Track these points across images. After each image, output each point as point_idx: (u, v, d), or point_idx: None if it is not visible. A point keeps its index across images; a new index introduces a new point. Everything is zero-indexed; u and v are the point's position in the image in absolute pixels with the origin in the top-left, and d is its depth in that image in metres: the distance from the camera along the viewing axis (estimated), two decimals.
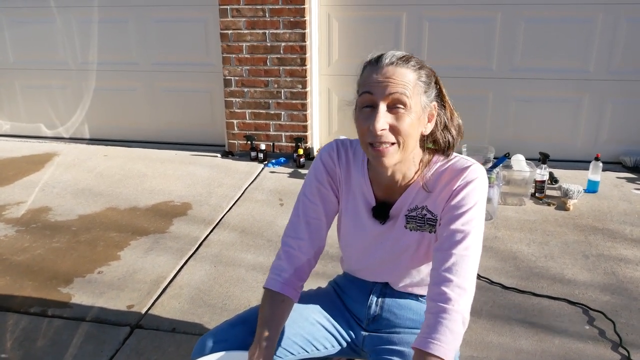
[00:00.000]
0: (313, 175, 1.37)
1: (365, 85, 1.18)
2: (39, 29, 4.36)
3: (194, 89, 4.27)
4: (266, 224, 3.00)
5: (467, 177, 1.22)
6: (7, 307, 2.26)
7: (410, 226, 1.30)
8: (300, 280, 1.34)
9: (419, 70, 1.19)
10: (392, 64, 1.17)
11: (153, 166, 3.92)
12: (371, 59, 1.21)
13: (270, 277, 1.33)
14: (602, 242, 2.75)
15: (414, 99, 1.17)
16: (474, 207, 1.21)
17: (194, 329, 2.11)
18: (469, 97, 3.90)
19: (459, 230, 1.19)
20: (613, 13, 3.56)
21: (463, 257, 1.17)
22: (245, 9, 3.78)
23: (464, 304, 1.15)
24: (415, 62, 1.20)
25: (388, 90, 1.15)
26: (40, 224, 3.02)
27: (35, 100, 4.58)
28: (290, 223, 1.38)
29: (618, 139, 3.83)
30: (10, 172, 3.82)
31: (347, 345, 1.46)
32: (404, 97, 1.15)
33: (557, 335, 2.05)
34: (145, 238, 2.85)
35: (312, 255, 1.36)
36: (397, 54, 1.19)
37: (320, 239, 1.37)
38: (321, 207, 1.36)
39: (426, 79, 1.20)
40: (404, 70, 1.17)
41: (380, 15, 3.82)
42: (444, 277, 1.16)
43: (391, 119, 1.16)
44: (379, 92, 1.16)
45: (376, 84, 1.16)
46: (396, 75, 1.16)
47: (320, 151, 1.39)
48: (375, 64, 1.19)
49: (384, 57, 1.19)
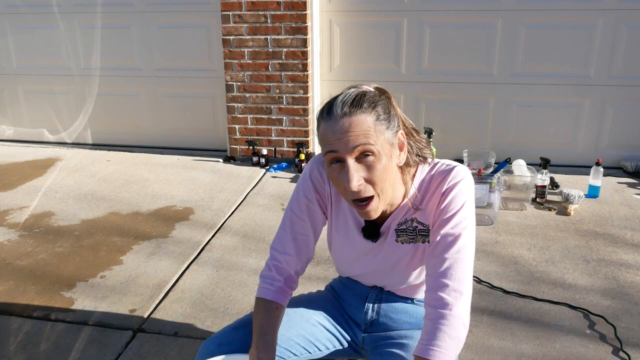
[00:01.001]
0: (302, 192, 1.35)
1: (326, 143, 1.13)
2: (43, 34, 4.39)
3: (196, 94, 4.29)
4: (268, 228, 3.01)
5: (451, 180, 1.22)
6: (10, 312, 2.27)
7: (402, 239, 1.30)
8: (290, 289, 1.37)
9: (375, 109, 1.13)
10: (345, 115, 1.11)
11: (155, 171, 3.94)
12: (322, 111, 1.15)
13: (263, 287, 1.34)
14: (603, 247, 2.76)
15: (378, 142, 1.12)
16: (462, 208, 1.21)
17: (196, 332, 2.12)
18: (469, 102, 3.91)
19: (450, 233, 1.19)
20: (613, 19, 3.57)
21: (456, 260, 1.18)
22: (247, 14, 3.80)
23: (462, 307, 1.15)
24: (369, 101, 1.13)
25: (351, 145, 1.10)
26: (43, 228, 3.03)
27: (38, 105, 4.61)
28: (277, 236, 1.38)
29: (619, 144, 3.84)
30: (14, 177, 3.84)
31: (348, 345, 1.47)
32: (369, 146, 1.10)
33: (557, 340, 2.06)
34: (147, 242, 2.86)
35: (300, 268, 1.38)
36: (347, 100, 1.12)
37: (307, 252, 1.38)
38: (309, 224, 1.36)
39: (384, 114, 1.14)
40: (359, 118, 1.11)
41: (382, 21, 3.85)
42: (440, 283, 1.17)
43: (363, 171, 1.12)
44: (342, 149, 1.11)
45: (336, 141, 1.11)
46: (353, 126, 1.10)
47: (308, 166, 1.36)
48: (327, 117, 1.13)
49: (335, 107, 1.12)
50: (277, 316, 1.30)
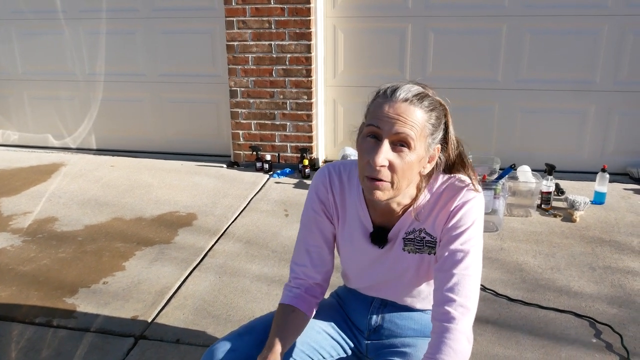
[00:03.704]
0: (309, 205, 1.38)
1: (374, 117, 1.16)
2: (48, 40, 4.41)
3: (200, 100, 4.29)
4: (271, 234, 3.00)
5: (463, 197, 1.23)
6: (12, 317, 2.26)
7: (409, 248, 1.31)
8: (312, 297, 1.38)
9: (431, 112, 1.17)
10: (406, 100, 1.14)
11: (159, 176, 3.94)
12: (386, 89, 1.18)
13: (283, 294, 1.39)
14: (609, 254, 2.73)
15: (419, 140, 1.15)
16: (472, 226, 1.22)
17: (198, 339, 2.11)
18: (474, 108, 3.90)
19: (459, 250, 1.20)
20: (618, 24, 3.56)
21: (464, 276, 1.19)
22: (251, 20, 3.81)
23: (466, 323, 1.17)
24: (429, 102, 1.17)
25: (395, 129, 1.13)
26: (47, 234, 3.03)
27: (43, 110, 4.62)
28: (295, 248, 1.42)
29: (625, 150, 3.81)
30: (18, 182, 3.85)
31: (351, 352, 1.48)
32: (409, 138, 1.13)
33: (563, 349, 2.03)
34: (150, 248, 2.85)
35: (319, 279, 1.39)
36: (413, 90, 1.16)
37: (324, 264, 1.39)
38: (319, 236, 1.38)
39: (435, 122, 1.18)
40: (416, 110, 1.14)
41: (386, 26, 3.84)
42: (447, 297, 1.18)
43: (392, 156, 1.15)
44: (386, 128, 1.14)
45: (385, 119, 1.14)
46: (407, 114, 1.13)
47: (313, 179, 1.39)
48: (389, 96, 1.16)
49: (399, 90, 1.16)
50: (292, 318, 1.32)
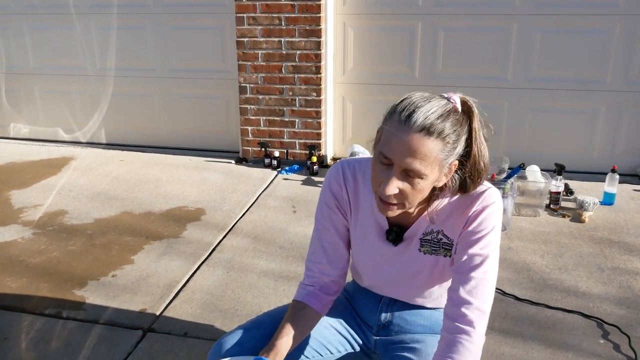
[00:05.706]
0: (323, 201, 1.38)
1: (386, 145, 1.10)
2: (59, 35, 4.44)
3: (210, 96, 4.31)
4: (279, 230, 3.01)
5: (483, 201, 1.21)
6: (23, 308, 2.29)
7: (425, 249, 1.30)
8: (327, 295, 1.37)
9: (448, 137, 1.08)
10: (422, 130, 1.06)
11: (168, 171, 3.96)
12: (402, 111, 1.09)
13: (296, 292, 1.39)
14: (618, 255, 2.72)
15: (432, 170, 1.11)
16: (492, 231, 1.21)
17: (205, 333, 2.12)
18: (483, 106, 3.84)
19: (478, 254, 1.20)
20: (630, 23, 3.53)
21: (482, 280, 1.19)
22: (261, 17, 3.81)
23: (482, 327, 1.17)
24: (452, 123, 1.09)
25: (406, 163, 1.08)
26: (57, 226, 3.06)
27: (54, 104, 4.66)
28: (310, 247, 1.42)
29: (635, 150, 3.78)
30: (29, 176, 3.88)
31: (360, 349, 1.48)
32: (421, 172, 1.09)
33: (570, 349, 2.03)
34: (159, 242, 2.87)
35: (336, 276, 1.38)
36: (431, 117, 1.07)
37: (340, 260, 1.39)
38: (334, 232, 1.37)
39: (453, 143, 1.10)
40: (430, 144, 1.07)
41: (396, 24, 3.83)
42: (465, 300, 1.18)
43: (403, 184, 1.11)
44: (397, 159, 1.09)
45: (397, 151, 1.08)
46: (420, 147, 1.07)
47: (327, 175, 1.38)
48: (403, 122, 1.08)
49: (416, 115, 1.07)
50: (302, 315, 1.32)
